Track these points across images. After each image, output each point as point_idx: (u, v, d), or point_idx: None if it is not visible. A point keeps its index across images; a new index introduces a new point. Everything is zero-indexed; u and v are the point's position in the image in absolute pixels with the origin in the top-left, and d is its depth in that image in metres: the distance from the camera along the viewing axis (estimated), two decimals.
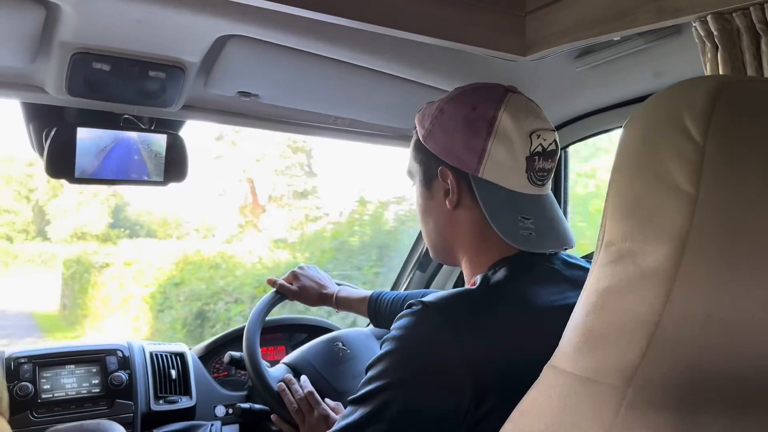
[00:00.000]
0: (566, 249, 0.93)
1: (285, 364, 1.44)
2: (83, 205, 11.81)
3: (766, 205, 0.47)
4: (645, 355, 0.48)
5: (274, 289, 1.50)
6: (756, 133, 0.47)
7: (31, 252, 12.35)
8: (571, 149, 1.69)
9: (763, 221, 0.46)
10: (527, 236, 0.88)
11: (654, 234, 0.48)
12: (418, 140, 0.98)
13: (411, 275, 2.02)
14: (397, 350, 0.80)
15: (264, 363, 1.38)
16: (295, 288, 1.48)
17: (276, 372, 1.40)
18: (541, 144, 0.89)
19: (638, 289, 0.49)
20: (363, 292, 1.48)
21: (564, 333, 0.56)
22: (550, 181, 0.95)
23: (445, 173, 0.93)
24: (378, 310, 1.41)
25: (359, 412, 0.79)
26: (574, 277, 0.89)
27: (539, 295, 0.84)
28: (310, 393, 1.28)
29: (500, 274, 0.87)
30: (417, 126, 0.98)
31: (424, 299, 0.81)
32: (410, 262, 2.03)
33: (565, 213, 1.67)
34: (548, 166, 0.92)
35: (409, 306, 0.81)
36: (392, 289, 2.12)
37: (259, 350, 1.38)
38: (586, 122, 1.51)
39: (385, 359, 0.80)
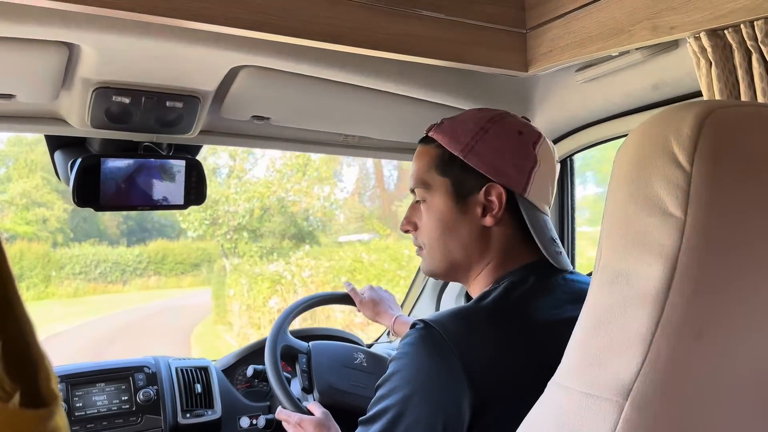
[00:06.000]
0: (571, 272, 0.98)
1: (308, 344, 1.52)
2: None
3: (749, 225, 0.50)
4: (641, 370, 0.51)
5: (346, 291, 1.59)
6: (739, 157, 0.50)
7: (83, 260, 9.63)
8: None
9: (746, 241, 0.50)
10: (558, 254, 0.96)
11: (646, 256, 0.51)
12: (449, 155, 0.97)
13: (425, 282, 2.06)
14: (403, 368, 0.84)
15: (289, 335, 1.47)
16: (364, 297, 1.57)
17: (298, 344, 1.48)
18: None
19: (633, 308, 0.52)
20: None
21: (566, 350, 0.59)
22: None
23: (492, 190, 0.94)
24: None
25: (371, 431, 0.84)
26: (573, 290, 0.94)
27: (538, 309, 0.89)
28: (279, 413, 1.32)
29: (500, 290, 0.91)
30: (446, 141, 0.98)
31: (425, 318, 0.86)
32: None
33: (571, 220, 1.71)
34: None
35: (413, 325, 0.86)
36: (407, 292, 2.17)
37: (287, 333, 1.47)
38: (589, 131, 1.54)
39: (392, 378, 0.85)
